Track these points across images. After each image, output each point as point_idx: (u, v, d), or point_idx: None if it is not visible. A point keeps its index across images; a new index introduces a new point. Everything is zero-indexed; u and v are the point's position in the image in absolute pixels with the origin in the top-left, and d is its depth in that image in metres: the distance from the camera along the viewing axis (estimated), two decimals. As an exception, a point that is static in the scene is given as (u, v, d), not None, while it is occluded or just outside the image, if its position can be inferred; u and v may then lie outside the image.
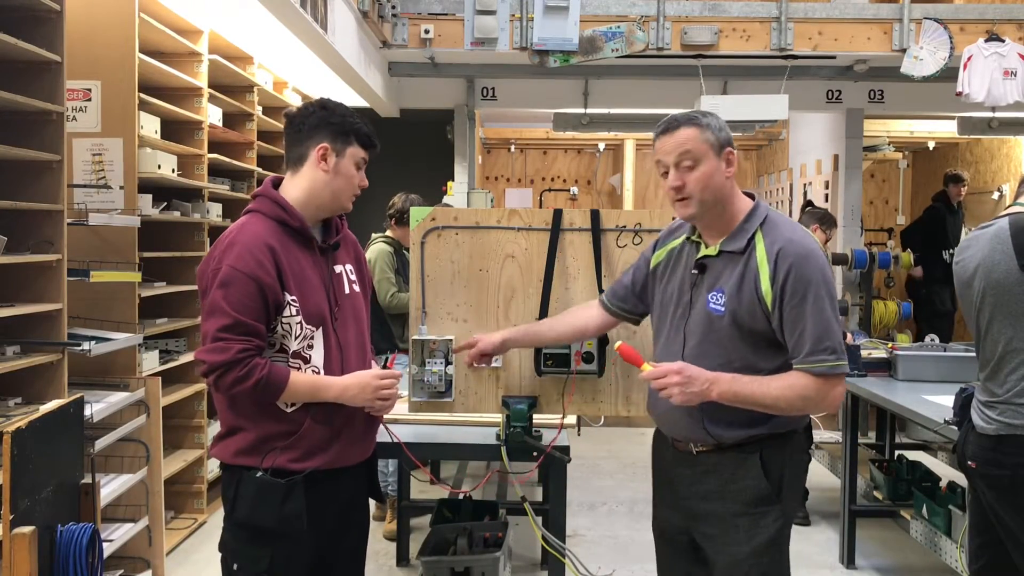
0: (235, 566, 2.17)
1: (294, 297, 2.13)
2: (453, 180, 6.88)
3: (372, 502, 2.54)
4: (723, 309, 2.08)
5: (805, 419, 2.20)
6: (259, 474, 2.12)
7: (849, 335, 4.56)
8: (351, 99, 6.06)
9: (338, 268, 2.28)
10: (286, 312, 2.12)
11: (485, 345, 2.50)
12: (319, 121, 2.19)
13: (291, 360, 2.15)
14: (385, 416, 2.33)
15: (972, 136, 6.94)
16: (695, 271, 2.17)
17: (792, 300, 2.02)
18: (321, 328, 2.18)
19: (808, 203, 6.96)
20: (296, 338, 2.15)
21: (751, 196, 2.19)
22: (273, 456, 2.13)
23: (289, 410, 2.15)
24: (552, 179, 10.04)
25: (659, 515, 2.35)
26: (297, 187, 2.21)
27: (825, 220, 4.94)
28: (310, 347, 2.16)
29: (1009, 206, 2.58)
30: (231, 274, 2.08)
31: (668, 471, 2.28)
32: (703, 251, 2.16)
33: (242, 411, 2.15)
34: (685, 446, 2.20)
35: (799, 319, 2.02)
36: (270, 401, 2.12)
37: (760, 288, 2.05)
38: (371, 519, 2.53)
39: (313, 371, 2.17)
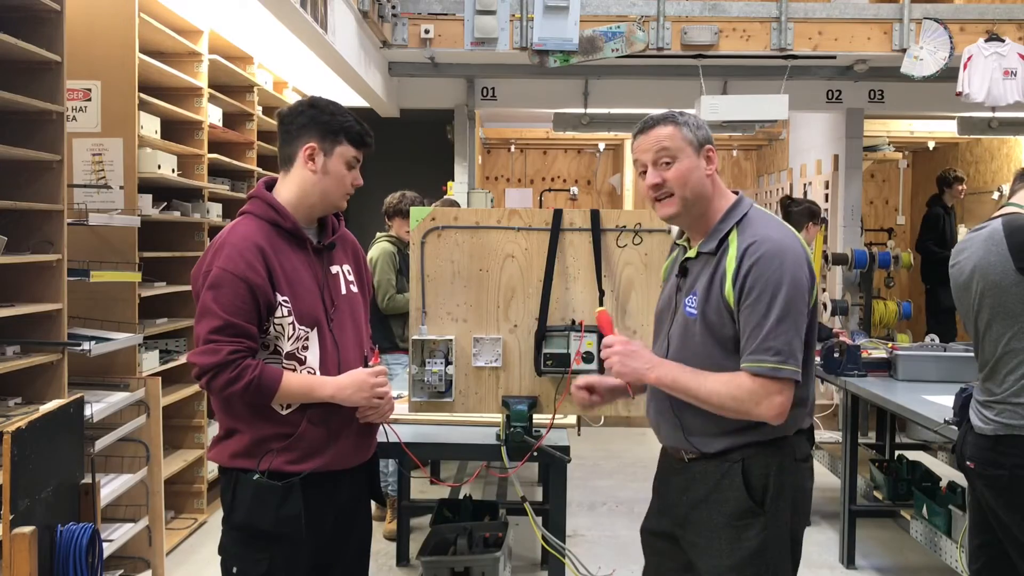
0: (234, 569, 2.15)
1: (286, 298, 2.11)
2: (453, 180, 6.88)
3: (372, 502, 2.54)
4: (696, 312, 2.05)
5: (795, 423, 2.07)
6: (256, 476, 2.10)
7: (844, 333, 4.55)
8: (351, 99, 6.06)
9: (335, 268, 2.27)
10: (278, 313, 2.11)
11: None
12: (308, 120, 2.17)
13: (285, 362, 2.13)
14: None
15: (972, 136, 6.93)
16: (679, 276, 2.15)
17: (748, 298, 1.96)
18: (316, 329, 2.16)
19: (787, 197, 6.89)
20: (289, 339, 2.13)
21: (737, 195, 2.14)
22: (270, 458, 2.11)
23: (285, 412, 2.13)
24: (552, 179, 10.03)
25: (650, 518, 2.31)
26: (288, 187, 2.20)
27: (814, 215, 4.89)
28: (304, 348, 2.15)
29: (1002, 206, 2.59)
30: (221, 276, 2.07)
31: (662, 476, 2.26)
32: (686, 254, 2.15)
33: (237, 413, 2.14)
34: (677, 452, 2.17)
35: (751, 317, 1.95)
36: (263, 403, 2.10)
37: (724, 289, 1.99)
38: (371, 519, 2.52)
39: (309, 372, 2.15)
